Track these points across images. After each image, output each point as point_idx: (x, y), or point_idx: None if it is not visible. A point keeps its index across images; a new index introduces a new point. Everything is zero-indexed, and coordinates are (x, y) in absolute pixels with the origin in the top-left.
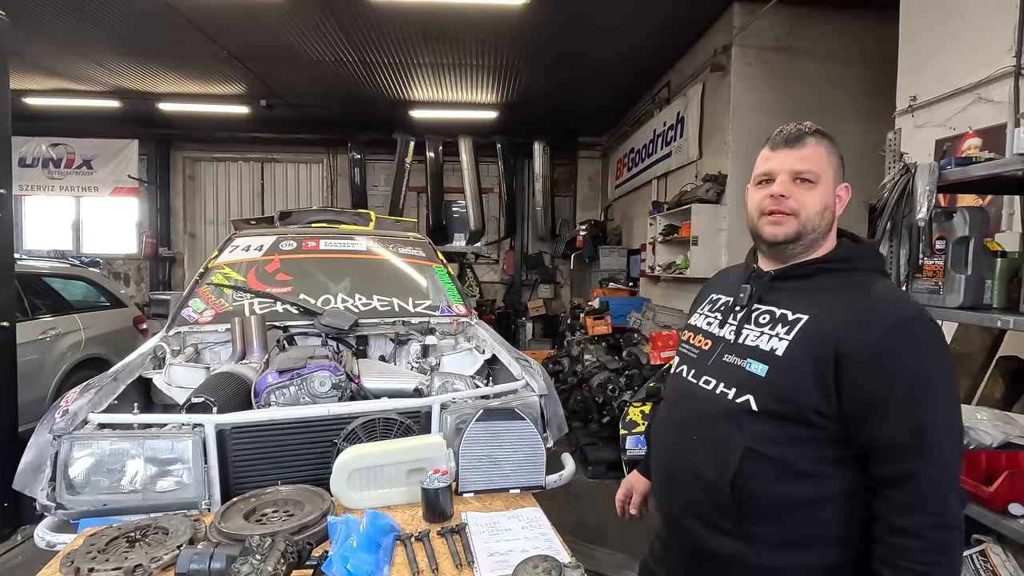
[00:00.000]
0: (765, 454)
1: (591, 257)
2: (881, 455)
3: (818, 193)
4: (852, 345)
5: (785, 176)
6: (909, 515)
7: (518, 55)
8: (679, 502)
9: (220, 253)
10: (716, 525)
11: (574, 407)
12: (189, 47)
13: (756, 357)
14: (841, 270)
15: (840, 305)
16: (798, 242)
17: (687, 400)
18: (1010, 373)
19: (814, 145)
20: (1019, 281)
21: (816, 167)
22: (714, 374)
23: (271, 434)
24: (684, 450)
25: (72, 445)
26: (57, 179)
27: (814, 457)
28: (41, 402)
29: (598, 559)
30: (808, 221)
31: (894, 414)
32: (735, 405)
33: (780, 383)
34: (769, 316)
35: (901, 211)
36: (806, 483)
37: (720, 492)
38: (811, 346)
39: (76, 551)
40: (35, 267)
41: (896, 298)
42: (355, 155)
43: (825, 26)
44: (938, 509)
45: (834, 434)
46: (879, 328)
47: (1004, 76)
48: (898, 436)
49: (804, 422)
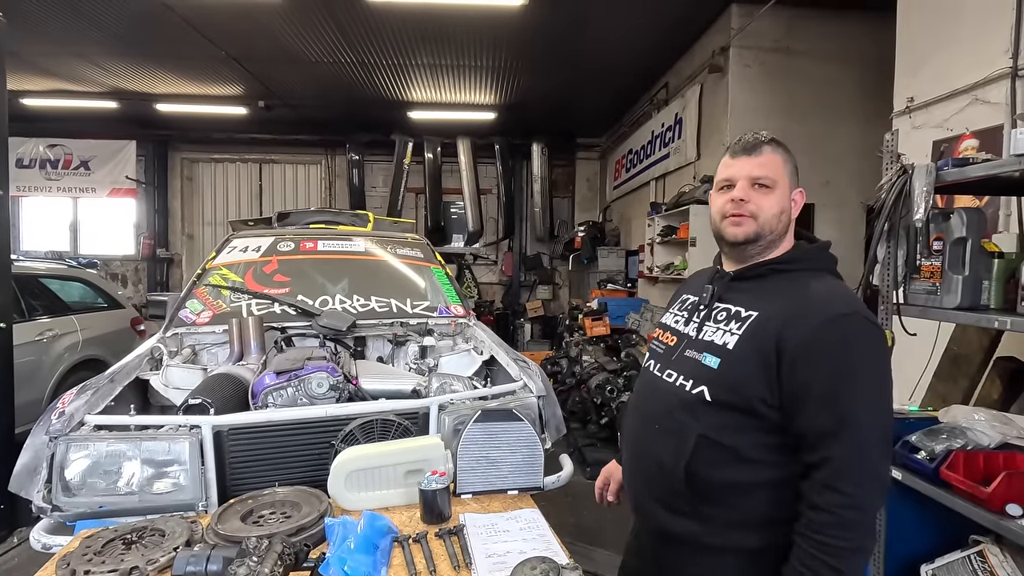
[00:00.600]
0: (717, 441)
1: (589, 258)
2: (809, 443)
3: (775, 197)
4: (788, 340)
5: (744, 182)
6: (824, 493)
7: (516, 56)
8: (643, 487)
9: (218, 254)
10: (674, 507)
11: (572, 408)
12: (187, 48)
13: (710, 351)
14: (791, 270)
15: (784, 303)
16: (757, 242)
17: (652, 392)
18: (1007, 374)
19: (770, 153)
20: (1016, 282)
21: (772, 173)
22: (676, 367)
23: (268, 435)
24: (647, 438)
25: (68, 447)
26: (54, 180)
27: (760, 444)
28: (38, 404)
29: (596, 560)
30: (766, 223)
31: (819, 403)
32: (691, 396)
33: (730, 375)
34: (726, 313)
35: (899, 212)
36: (753, 468)
37: (676, 476)
38: (757, 341)
39: (72, 553)
40: (32, 268)
41: (832, 296)
42: (353, 156)
43: (823, 27)
44: (849, 490)
45: (777, 423)
46: (810, 324)
47: (1001, 78)
48: (821, 423)
49: (751, 412)
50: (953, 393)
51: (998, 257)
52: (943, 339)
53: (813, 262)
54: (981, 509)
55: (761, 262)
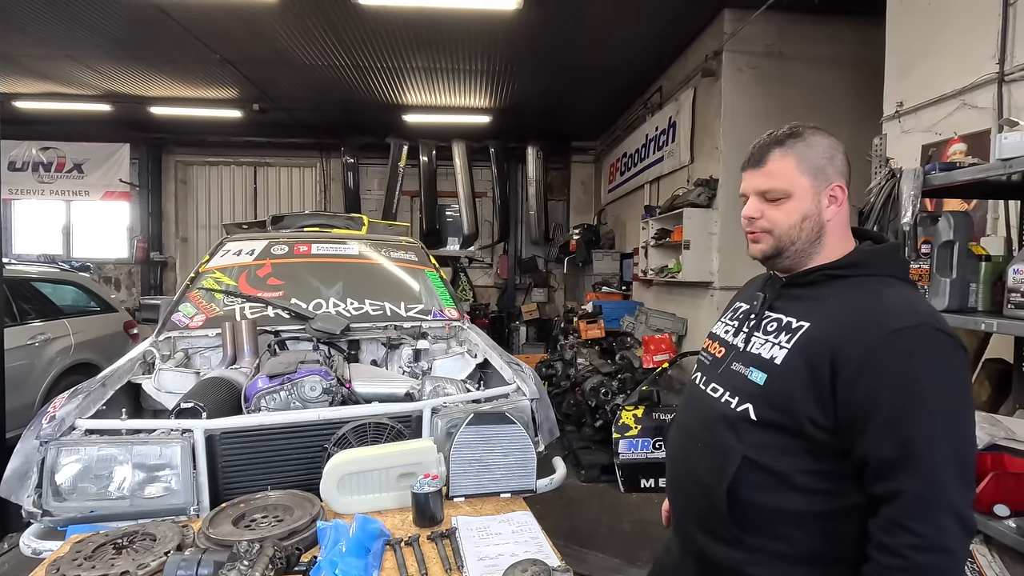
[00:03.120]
0: (763, 464)
1: (584, 261)
2: (873, 471)
3: (789, 206)
4: (848, 353)
5: (754, 198)
6: (892, 532)
7: (511, 60)
8: (682, 506)
9: (211, 257)
10: (714, 532)
11: (567, 411)
12: (181, 51)
13: (757, 365)
14: (851, 276)
15: (842, 313)
16: (780, 256)
17: (696, 406)
18: (996, 375)
19: (779, 158)
20: (1003, 284)
21: (781, 182)
22: (721, 381)
23: (261, 439)
24: (688, 455)
25: (59, 451)
26: (47, 183)
27: (812, 471)
28: (30, 408)
29: (591, 563)
30: (784, 236)
31: (884, 428)
32: (735, 413)
33: (777, 392)
34: (776, 324)
35: (887, 215)
36: (803, 497)
37: (717, 499)
38: (809, 355)
39: (62, 558)
40: (24, 272)
41: (900, 306)
42: (348, 159)
43: (814, 32)
44: (921, 529)
45: (831, 447)
46: (871, 338)
47: (988, 83)
48: (887, 451)
49: (801, 434)
50: None
51: (985, 260)
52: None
53: (878, 267)
54: None
55: (815, 267)
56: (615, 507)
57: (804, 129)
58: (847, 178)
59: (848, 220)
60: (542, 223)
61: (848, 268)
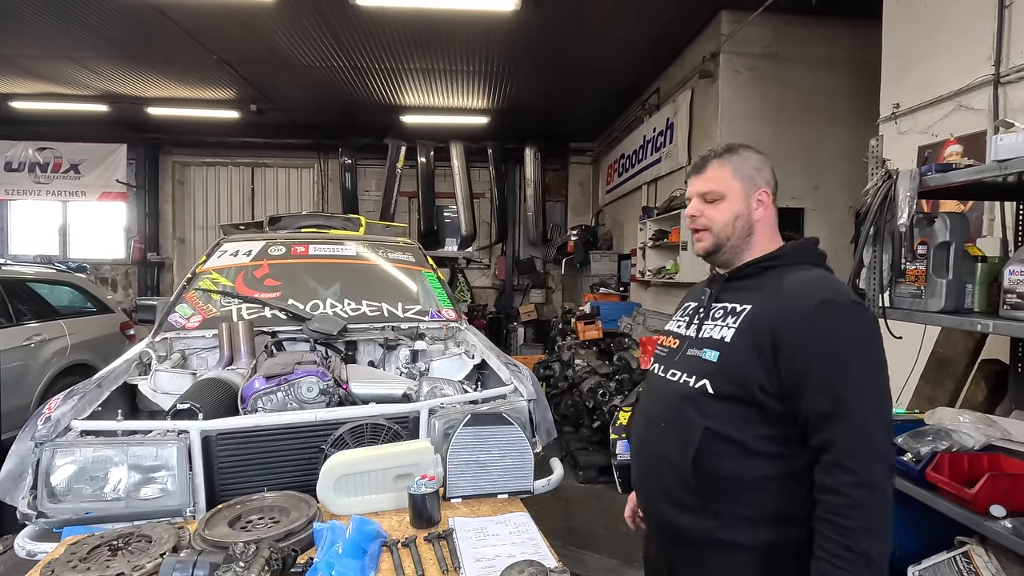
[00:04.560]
0: (724, 434)
1: (582, 262)
2: (813, 425)
3: (724, 206)
4: (783, 330)
5: (695, 199)
6: (832, 473)
7: (509, 61)
8: (653, 487)
9: (208, 258)
10: (683, 504)
11: (565, 412)
12: (178, 51)
13: (710, 346)
14: (780, 266)
15: (775, 295)
16: (719, 252)
17: (657, 393)
18: (992, 376)
19: (717, 167)
20: (999, 285)
21: (717, 186)
22: (679, 367)
23: (257, 440)
24: (654, 438)
25: (54, 452)
26: (44, 183)
27: (765, 436)
28: (25, 409)
29: (588, 564)
30: (721, 232)
31: (818, 388)
32: (694, 390)
33: (729, 366)
34: (723, 311)
35: (883, 216)
36: (760, 462)
37: (684, 471)
38: (752, 333)
39: (57, 560)
40: (20, 272)
41: (819, 284)
42: (346, 160)
43: (811, 34)
44: (856, 468)
45: (779, 413)
46: (800, 313)
47: (984, 84)
48: (823, 406)
49: (753, 402)
50: (939, 395)
51: (981, 261)
52: (929, 342)
53: (800, 256)
54: (966, 510)
55: (751, 261)
56: (613, 508)
57: (739, 146)
58: (773, 188)
59: (775, 223)
60: (540, 224)
61: (777, 259)
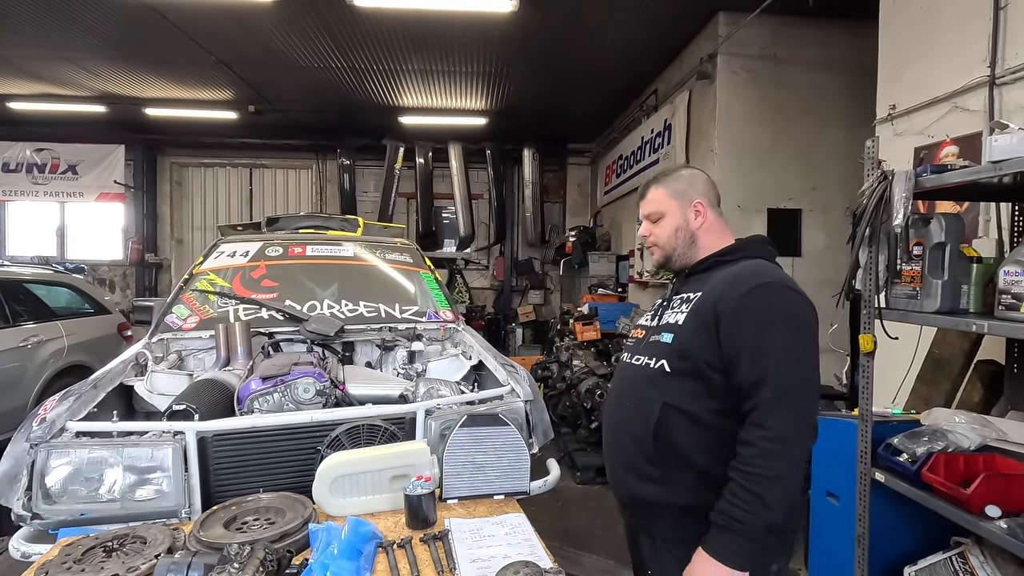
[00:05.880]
0: (679, 408)
1: (580, 263)
2: (744, 393)
3: (665, 223)
4: (724, 309)
5: (644, 221)
6: (750, 429)
7: (507, 62)
8: (619, 460)
9: (205, 259)
10: (643, 474)
11: (563, 413)
12: (176, 52)
13: (667, 330)
14: (729, 260)
15: (719, 282)
16: (670, 261)
17: (625, 377)
18: (988, 377)
19: (653, 191)
20: (994, 286)
21: (656, 207)
22: (643, 352)
23: (253, 441)
24: (620, 417)
25: (49, 453)
26: (41, 184)
27: (714, 410)
28: (22, 410)
29: (585, 565)
30: (666, 244)
31: (750, 360)
32: (655, 370)
33: (681, 345)
34: (680, 300)
35: (879, 217)
36: (709, 432)
37: (645, 443)
38: (699, 314)
39: (51, 562)
40: (17, 273)
41: (759, 270)
42: (344, 161)
43: (808, 35)
44: (772, 424)
45: (722, 387)
46: (737, 294)
47: (979, 86)
48: (753, 375)
49: (701, 376)
50: (935, 396)
51: (977, 262)
52: (925, 343)
53: (749, 251)
54: (961, 511)
55: (706, 257)
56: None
57: (673, 169)
58: (708, 197)
59: (721, 225)
60: (538, 225)
61: (728, 254)
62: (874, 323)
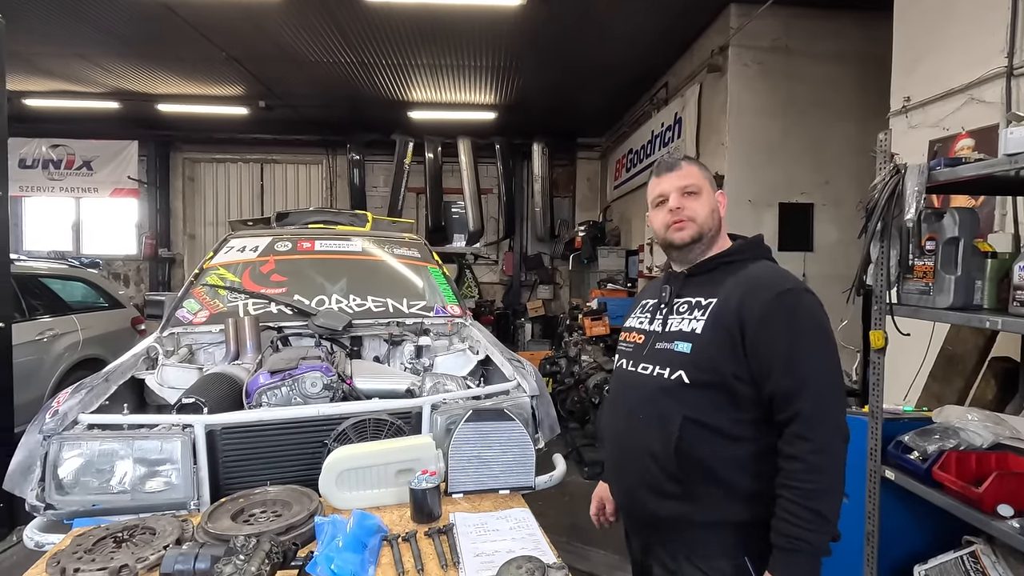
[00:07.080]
0: (701, 421)
1: (590, 258)
2: (778, 403)
3: (703, 200)
4: (750, 319)
5: (676, 193)
6: (794, 443)
7: (516, 56)
8: (634, 478)
9: (215, 254)
10: (664, 491)
11: (571, 408)
12: (187, 48)
13: (681, 338)
14: (735, 261)
15: (736, 287)
16: (700, 241)
17: (630, 387)
18: (1002, 374)
19: (688, 166)
20: (1009, 282)
21: (695, 181)
22: (650, 360)
23: (261, 435)
24: (632, 431)
25: (61, 445)
26: (57, 180)
27: (741, 420)
28: (38, 403)
29: (592, 560)
30: (704, 222)
31: (783, 369)
32: (670, 382)
33: (703, 356)
34: (687, 305)
35: (891, 212)
36: (736, 444)
37: (667, 460)
38: (721, 322)
39: (63, 551)
40: (33, 268)
41: (775, 276)
42: (354, 156)
43: (820, 27)
44: (815, 437)
45: (751, 398)
46: (762, 300)
47: (996, 77)
48: (787, 385)
49: (727, 388)
50: (948, 393)
51: (991, 257)
52: (937, 339)
53: (753, 252)
54: (973, 509)
55: (710, 257)
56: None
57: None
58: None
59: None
60: (548, 220)
61: (733, 255)
62: (885, 319)
